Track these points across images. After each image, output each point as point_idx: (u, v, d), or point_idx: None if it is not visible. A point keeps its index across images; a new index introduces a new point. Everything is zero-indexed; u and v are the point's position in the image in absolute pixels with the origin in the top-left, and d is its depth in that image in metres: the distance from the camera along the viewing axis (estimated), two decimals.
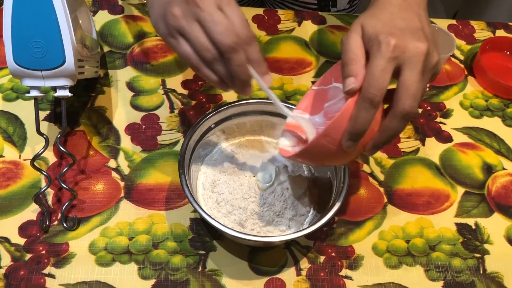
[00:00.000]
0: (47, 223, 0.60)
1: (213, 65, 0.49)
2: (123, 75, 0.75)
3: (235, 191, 0.60)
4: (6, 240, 0.59)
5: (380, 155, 0.70)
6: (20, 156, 0.66)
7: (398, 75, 0.47)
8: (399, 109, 0.46)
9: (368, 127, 0.47)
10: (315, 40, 0.83)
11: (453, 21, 0.88)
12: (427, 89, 0.78)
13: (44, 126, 0.68)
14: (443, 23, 0.87)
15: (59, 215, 0.61)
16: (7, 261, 0.58)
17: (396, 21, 0.48)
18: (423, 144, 0.72)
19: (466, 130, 0.74)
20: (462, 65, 0.82)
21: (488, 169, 0.70)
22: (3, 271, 0.57)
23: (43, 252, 0.59)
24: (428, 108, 0.76)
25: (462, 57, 0.83)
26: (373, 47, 0.46)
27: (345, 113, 0.47)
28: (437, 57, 0.48)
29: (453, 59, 0.83)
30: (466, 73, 0.81)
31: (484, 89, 0.79)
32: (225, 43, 0.46)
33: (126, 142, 0.68)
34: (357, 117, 0.46)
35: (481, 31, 0.87)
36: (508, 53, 0.84)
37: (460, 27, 0.88)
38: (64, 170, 0.60)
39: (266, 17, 0.85)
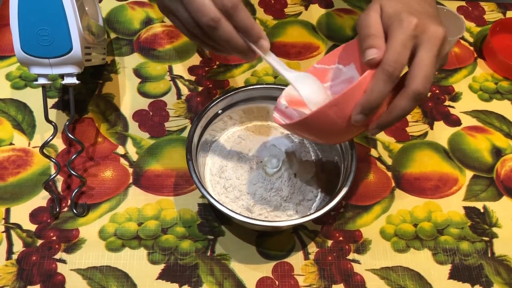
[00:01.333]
0: (57, 209, 0.61)
1: (204, 39, 0.49)
2: (130, 61, 0.75)
3: (243, 177, 0.61)
4: (18, 226, 0.60)
5: (388, 139, 0.70)
6: (29, 143, 0.66)
7: (412, 57, 0.46)
8: (412, 88, 0.46)
9: (382, 101, 0.46)
10: (323, 24, 0.82)
11: (463, 3, 0.87)
12: (436, 73, 0.78)
13: (53, 113, 0.69)
14: (452, 5, 0.86)
15: (69, 201, 0.61)
16: (19, 247, 0.59)
17: (414, 5, 0.49)
18: (432, 128, 0.72)
19: (475, 114, 0.74)
20: (471, 48, 0.81)
21: (497, 153, 0.70)
22: (15, 256, 0.58)
23: (54, 238, 0.59)
24: (437, 91, 0.76)
25: (471, 40, 0.82)
26: (394, 24, 0.46)
27: (360, 85, 0.46)
28: (449, 47, 0.48)
29: (462, 41, 0.82)
30: (475, 55, 0.80)
31: (494, 71, 0.78)
32: (202, 22, 0.46)
33: (134, 128, 0.69)
34: (373, 90, 0.45)
35: (491, 13, 0.86)
36: None
37: (470, 8, 0.86)
38: (73, 157, 0.61)
39: (273, 1, 0.84)
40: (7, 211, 0.61)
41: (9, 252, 0.58)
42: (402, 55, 0.45)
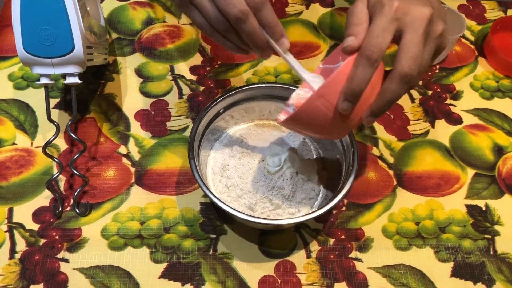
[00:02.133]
0: (60, 209, 0.61)
1: (227, 34, 0.49)
2: (131, 61, 0.75)
3: (245, 175, 0.61)
4: (21, 226, 0.60)
5: (389, 137, 0.70)
6: (32, 143, 0.66)
7: (399, 40, 0.46)
8: (398, 70, 0.45)
9: (365, 86, 0.45)
10: (324, 23, 0.82)
11: (464, 1, 0.87)
12: (436, 70, 0.78)
13: (55, 113, 0.69)
14: (453, 4, 0.86)
15: (72, 201, 0.62)
16: (22, 246, 0.59)
17: None
18: (433, 126, 0.72)
19: (476, 112, 0.74)
20: (472, 46, 0.81)
21: (499, 151, 0.70)
22: (18, 255, 0.58)
23: (57, 237, 0.60)
24: (438, 90, 0.76)
25: (472, 38, 0.82)
26: (376, 9, 0.46)
27: (342, 73, 0.46)
28: (442, 28, 0.48)
29: (463, 40, 0.82)
30: (476, 54, 0.80)
31: (495, 70, 0.78)
32: (231, 13, 0.47)
33: (136, 128, 0.69)
34: (354, 75, 0.45)
35: (492, 11, 0.86)
36: None
37: (471, 7, 0.86)
38: (75, 157, 0.61)
39: (273, 1, 0.84)
40: (10, 211, 0.61)
41: (12, 251, 0.58)
42: (381, 38, 0.45)
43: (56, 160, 0.61)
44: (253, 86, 0.63)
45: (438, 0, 0.51)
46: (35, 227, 0.60)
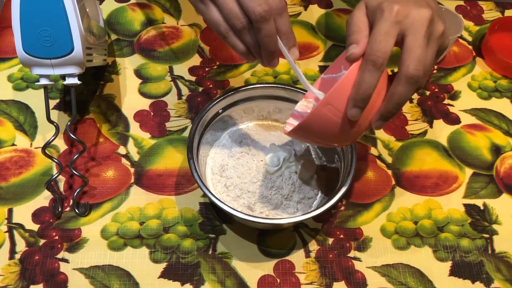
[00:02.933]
0: (60, 209, 0.61)
1: (242, 34, 0.49)
2: (130, 62, 0.76)
3: (244, 175, 0.61)
4: (21, 226, 0.60)
5: (387, 137, 0.70)
6: (31, 144, 0.67)
7: (402, 43, 0.47)
8: (403, 72, 0.46)
9: (372, 91, 0.46)
10: (322, 24, 0.82)
11: (461, 2, 0.87)
12: (434, 71, 0.78)
13: (54, 114, 0.69)
14: (450, 4, 0.87)
15: (71, 201, 0.62)
16: (22, 246, 0.59)
17: None
18: (431, 126, 0.72)
19: (474, 112, 0.74)
20: (470, 47, 0.82)
21: (497, 150, 0.70)
22: (18, 256, 0.58)
23: (57, 237, 0.60)
24: (436, 90, 0.76)
25: (470, 38, 0.83)
26: (376, 15, 0.46)
27: (348, 79, 0.46)
28: (443, 28, 0.48)
29: (461, 40, 0.82)
30: (474, 54, 0.81)
31: (493, 70, 0.79)
32: (256, 11, 0.47)
33: (135, 129, 0.69)
34: (361, 81, 0.45)
35: (490, 12, 0.86)
36: None
37: (468, 8, 0.87)
38: (75, 157, 0.61)
39: None
40: (10, 211, 0.61)
41: (12, 251, 0.59)
42: (384, 43, 0.45)
43: (56, 160, 0.61)
44: (252, 86, 0.63)
45: (434, 0, 0.51)
46: (35, 227, 0.60)
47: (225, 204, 0.54)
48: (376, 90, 0.46)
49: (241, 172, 0.61)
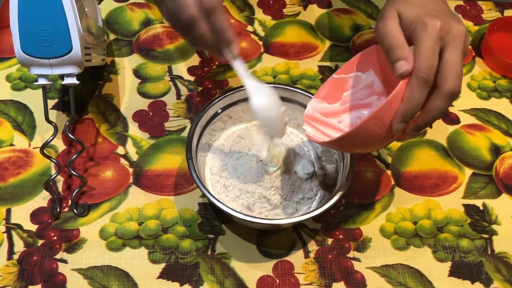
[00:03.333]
0: (58, 209, 0.61)
1: (185, 32, 0.52)
2: (129, 62, 0.75)
3: (243, 175, 0.61)
4: (19, 226, 0.60)
5: None
6: (29, 144, 0.66)
7: (440, 57, 0.47)
8: (446, 89, 0.46)
9: (420, 107, 0.47)
10: (321, 24, 0.82)
11: (461, 2, 0.87)
12: None
13: (53, 114, 0.69)
14: (450, 4, 0.86)
15: (70, 201, 0.62)
16: (20, 247, 0.59)
17: (431, 6, 0.50)
18: (430, 126, 0.72)
19: (473, 112, 0.74)
20: (469, 47, 0.81)
21: (496, 150, 0.70)
22: (16, 256, 0.58)
23: (55, 238, 0.60)
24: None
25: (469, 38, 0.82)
26: (418, 29, 0.47)
27: (397, 95, 0.47)
28: (469, 41, 0.49)
29: None
30: (473, 54, 0.81)
31: (492, 70, 0.79)
32: (181, 18, 0.50)
33: (134, 129, 0.69)
34: (411, 98, 0.46)
35: (489, 12, 0.86)
36: None
37: (468, 7, 0.87)
38: (73, 158, 0.61)
39: (271, 2, 0.85)
40: (8, 212, 0.61)
41: (10, 252, 0.58)
42: (433, 59, 0.46)
43: (54, 160, 0.61)
44: None
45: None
46: (33, 227, 0.60)
47: (224, 204, 0.54)
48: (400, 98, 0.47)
49: (240, 172, 0.61)
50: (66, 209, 0.62)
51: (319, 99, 0.59)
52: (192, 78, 0.74)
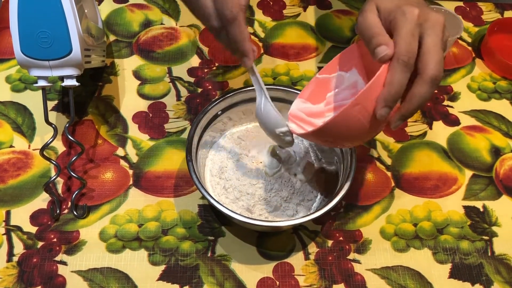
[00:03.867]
0: (58, 211, 0.61)
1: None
2: (129, 64, 0.75)
3: (243, 177, 0.61)
4: (19, 228, 0.60)
5: (387, 139, 0.70)
6: (29, 146, 0.66)
7: (420, 44, 0.47)
8: (429, 74, 0.46)
9: (402, 91, 0.47)
10: (321, 25, 0.82)
11: (460, 3, 0.87)
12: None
13: (53, 116, 0.69)
14: (450, 5, 0.86)
15: (69, 203, 0.62)
16: (20, 249, 0.59)
17: None
18: (431, 128, 0.72)
19: (473, 113, 0.74)
20: (469, 48, 0.81)
21: (496, 152, 0.70)
22: (16, 258, 0.58)
23: (55, 240, 0.59)
24: (436, 91, 0.76)
25: (469, 40, 0.82)
26: (397, 16, 0.48)
27: (379, 80, 0.46)
28: (448, 33, 0.50)
29: (460, 41, 0.82)
30: (473, 55, 0.81)
31: (492, 71, 0.79)
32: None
33: (133, 130, 0.69)
34: (393, 81, 0.46)
35: (489, 13, 0.86)
36: None
37: (468, 9, 0.87)
38: (73, 159, 0.61)
39: (271, 3, 0.85)
40: (8, 214, 0.61)
41: (10, 254, 0.58)
42: (413, 43, 0.47)
43: (54, 162, 0.61)
44: (251, 88, 0.63)
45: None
46: (33, 229, 0.60)
47: (224, 206, 0.54)
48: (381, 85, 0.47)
49: (240, 174, 0.61)
50: (65, 211, 0.62)
51: (303, 99, 0.58)
52: (192, 80, 0.74)
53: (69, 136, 0.60)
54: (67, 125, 0.61)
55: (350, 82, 0.57)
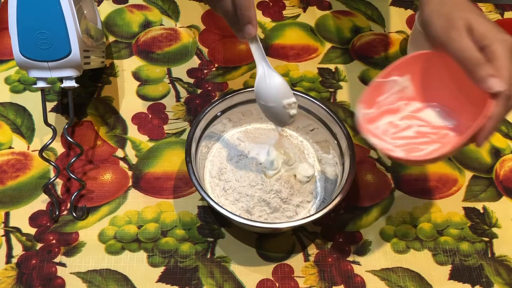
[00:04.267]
0: (57, 213, 0.61)
1: None
2: (128, 64, 0.75)
3: (242, 179, 0.61)
4: (17, 230, 0.60)
5: None
6: (28, 147, 0.66)
7: None
8: (505, 93, 0.47)
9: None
10: (321, 26, 0.82)
11: None
12: None
13: (52, 117, 0.69)
14: None
15: (68, 205, 0.61)
16: (19, 250, 0.59)
17: (485, 16, 0.51)
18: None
19: None
20: None
21: (496, 153, 0.70)
22: (15, 260, 0.58)
23: (54, 241, 0.59)
24: None
25: None
26: (497, 46, 0.47)
27: (486, 115, 0.47)
28: None
29: None
30: None
31: None
32: None
33: (133, 131, 0.69)
34: (499, 115, 0.47)
35: (489, 14, 0.86)
36: None
37: None
38: (72, 161, 0.61)
39: (271, 4, 0.84)
40: (7, 215, 0.61)
41: (9, 256, 0.58)
42: None
43: (53, 163, 0.61)
44: (250, 89, 0.63)
45: None
46: (32, 231, 0.60)
47: (223, 208, 0.53)
48: None
49: (240, 176, 0.61)
50: (65, 213, 0.62)
51: (362, 105, 0.56)
52: (191, 81, 0.74)
53: (68, 137, 0.60)
54: (66, 126, 0.61)
55: (400, 87, 0.56)
